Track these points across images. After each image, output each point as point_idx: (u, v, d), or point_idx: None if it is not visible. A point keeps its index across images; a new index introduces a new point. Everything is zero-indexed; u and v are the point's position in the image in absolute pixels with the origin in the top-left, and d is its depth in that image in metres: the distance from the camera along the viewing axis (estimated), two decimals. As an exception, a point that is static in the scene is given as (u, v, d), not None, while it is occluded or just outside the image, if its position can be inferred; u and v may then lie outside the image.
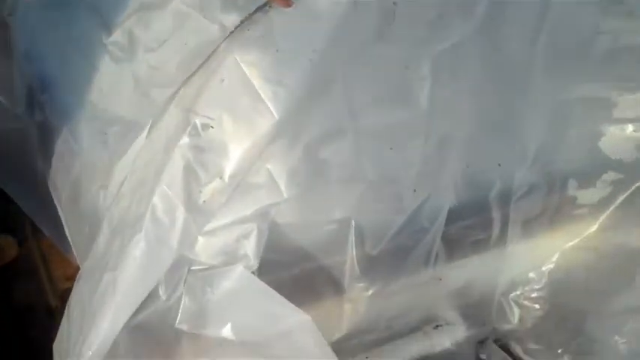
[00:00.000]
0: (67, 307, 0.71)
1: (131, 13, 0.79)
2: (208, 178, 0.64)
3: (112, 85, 0.80)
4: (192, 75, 0.67)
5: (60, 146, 0.86)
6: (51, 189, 0.89)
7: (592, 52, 0.81)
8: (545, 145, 0.82)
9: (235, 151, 0.64)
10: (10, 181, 1.01)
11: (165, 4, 0.77)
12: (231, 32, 0.66)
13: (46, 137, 0.89)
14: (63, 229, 0.88)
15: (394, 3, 0.72)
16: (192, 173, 0.64)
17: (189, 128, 0.63)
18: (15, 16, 0.94)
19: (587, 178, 0.87)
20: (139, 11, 0.79)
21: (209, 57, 0.66)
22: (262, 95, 0.63)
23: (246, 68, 0.64)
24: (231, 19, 0.70)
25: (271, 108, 0.63)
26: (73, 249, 0.85)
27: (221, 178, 0.64)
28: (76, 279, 0.72)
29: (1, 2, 0.94)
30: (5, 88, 0.95)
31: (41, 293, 1.02)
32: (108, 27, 0.81)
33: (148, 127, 0.70)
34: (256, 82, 0.63)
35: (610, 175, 0.87)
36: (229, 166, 0.64)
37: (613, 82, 0.83)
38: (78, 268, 0.75)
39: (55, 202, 0.88)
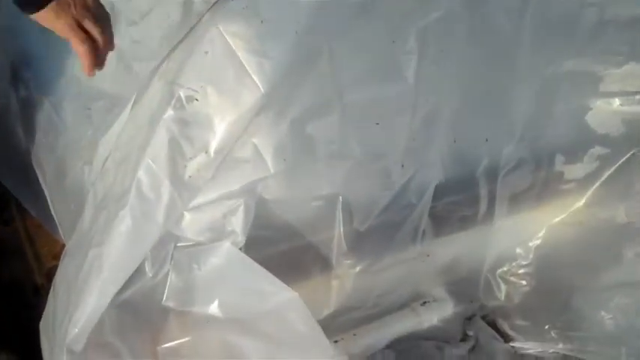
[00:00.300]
0: (53, 285, 0.70)
1: (112, -14, 0.78)
2: (193, 153, 0.63)
3: (96, 60, 0.79)
4: (176, 47, 0.66)
5: (44, 123, 0.85)
6: (35, 167, 0.89)
7: (578, 25, 0.80)
8: (533, 120, 0.82)
9: (220, 125, 0.63)
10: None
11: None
12: (215, 3, 0.65)
13: (29, 114, 0.88)
14: (49, 208, 0.87)
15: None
16: (178, 147, 0.63)
17: (173, 101, 0.62)
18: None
19: (574, 153, 0.87)
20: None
21: (192, 29, 0.65)
22: (247, 67, 0.62)
23: (231, 39, 0.62)
24: (215, -10, 0.68)
25: (256, 81, 0.62)
26: (59, 227, 0.85)
27: (206, 152, 0.63)
28: (62, 256, 0.71)
29: None
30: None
31: (28, 272, 1.01)
32: (90, 1, 0.79)
33: (132, 101, 0.69)
34: (241, 54, 0.62)
35: (597, 150, 0.87)
36: (215, 140, 0.63)
37: (599, 56, 0.83)
38: (64, 247, 0.74)
39: (40, 180, 0.88)
